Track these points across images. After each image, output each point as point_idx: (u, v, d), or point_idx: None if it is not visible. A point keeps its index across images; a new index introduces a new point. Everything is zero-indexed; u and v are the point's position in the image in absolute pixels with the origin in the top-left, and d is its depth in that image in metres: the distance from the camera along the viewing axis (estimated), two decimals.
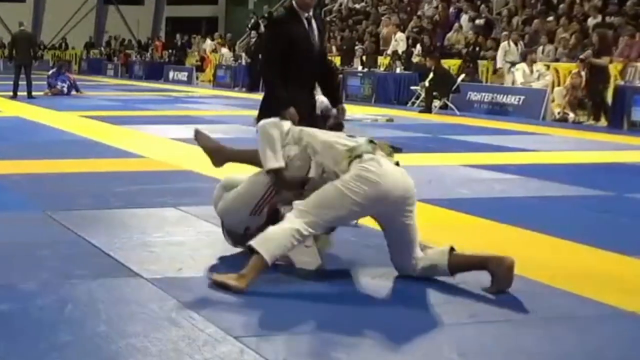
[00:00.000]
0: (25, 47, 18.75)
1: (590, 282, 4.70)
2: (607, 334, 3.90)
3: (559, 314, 4.16)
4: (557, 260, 5.21)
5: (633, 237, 5.83)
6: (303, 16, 5.78)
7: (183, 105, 18.62)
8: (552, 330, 3.91)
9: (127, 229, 5.72)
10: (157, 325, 3.74)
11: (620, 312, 4.17)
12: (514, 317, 4.09)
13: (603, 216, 5.74)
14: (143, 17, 41.93)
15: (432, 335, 3.77)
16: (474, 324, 3.94)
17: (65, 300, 4.05)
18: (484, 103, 17.52)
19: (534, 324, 3.99)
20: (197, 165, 8.75)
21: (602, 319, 4.10)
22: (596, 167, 9.22)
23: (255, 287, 4.37)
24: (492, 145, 11.10)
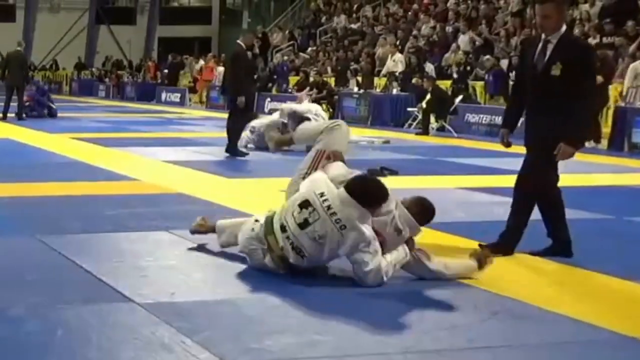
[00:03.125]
0: (17, 68, 18.56)
1: (590, 306, 4.72)
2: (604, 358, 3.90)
3: (558, 339, 4.18)
4: (556, 284, 5.23)
5: (633, 261, 5.85)
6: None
7: (175, 127, 18.65)
8: (551, 356, 3.92)
9: (118, 253, 5.72)
10: (150, 351, 3.75)
11: (620, 338, 4.18)
12: (512, 342, 4.11)
13: (603, 240, 5.76)
14: (135, 37, 42.04)
15: None
16: (471, 350, 3.95)
17: (55, 325, 4.05)
18: (482, 125, 17.54)
19: (532, 350, 4.00)
20: (189, 188, 8.79)
21: (601, 344, 4.11)
22: (596, 190, 9.25)
23: (249, 312, 4.39)
24: (490, 167, 11.15)
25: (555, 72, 5.55)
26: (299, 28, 30.97)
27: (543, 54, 5.64)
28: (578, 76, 5.56)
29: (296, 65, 26.32)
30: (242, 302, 4.60)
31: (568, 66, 5.53)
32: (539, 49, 5.68)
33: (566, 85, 5.52)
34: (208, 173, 10.25)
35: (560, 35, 5.62)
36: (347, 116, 20.61)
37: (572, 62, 5.54)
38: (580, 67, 5.59)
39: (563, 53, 5.57)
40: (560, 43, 5.60)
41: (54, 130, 15.99)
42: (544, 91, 5.62)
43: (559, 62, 5.55)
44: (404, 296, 4.84)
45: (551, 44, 5.62)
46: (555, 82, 5.55)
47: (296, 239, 4.92)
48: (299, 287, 4.91)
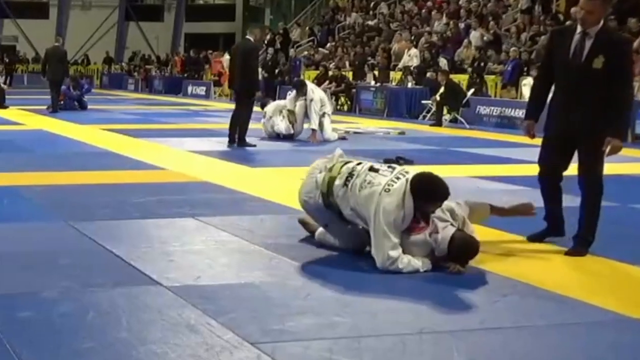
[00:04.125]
0: (57, 63, 18.36)
1: (597, 290, 4.69)
2: (612, 341, 3.88)
3: (566, 320, 4.16)
4: (565, 269, 5.20)
5: (635, 246, 5.81)
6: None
7: (201, 118, 18.67)
8: (558, 337, 3.90)
9: (146, 239, 5.73)
10: (176, 331, 3.75)
11: (625, 319, 4.16)
12: (522, 323, 4.09)
13: (609, 226, 5.71)
14: (162, 33, 42.10)
15: (441, 341, 3.75)
16: (482, 331, 3.94)
17: (86, 307, 4.07)
18: (493, 117, 17.50)
19: (541, 331, 3.98)
20: (213, 176, 8.80)
21: (608, 326, 4.08)
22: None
23: (272, 295, 4.38)
24: (500, 157, 11.09)
25: (597, 65, 5.40)
26: (319, 24, 30.89)
27: (582, 46, 5.48)
28: (619, 68, 5.44)
29: (316, 60, 26.27)
30: (265, 285, 4.59)
31: (609, 59, 5.39)
32: (576, 42, 5.50)
33: (608, 77, 5.40)
34: (232, 162, 10.26)
35: (599, 28, 5.47)
36: (364, 108, 20.62)
37: (614, 55, 5.40)
38: (621, 59, 5.47)
39: (604, 46, 5.42)
40: (600, 36, 5.45)
41: (86, 122, 16.06)
42: (585, 84, 5.45)
43: (601, 55, 5.40)
44: (420, 280, 4.83)
45: (590, 37, 5.45)
46: (597, 75, 5.41)
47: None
48: (320, 271, 4.91)
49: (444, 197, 5.05)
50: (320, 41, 28.47)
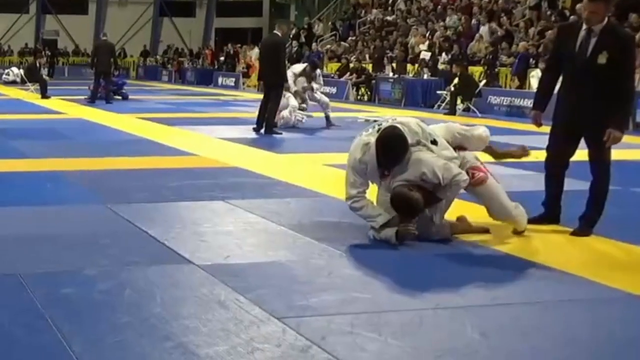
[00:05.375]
0: (106, 56, 18.32)
1: (601, 268, 4.66)
2: (616, 316, 3.85)
3: (573, 296, 4.13)
4: (571, 248, 5.16)
5: (636, 227, 5.76)
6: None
7: (231, 108, 18.65)
8: (566, 312, 3.88)
9: (180, 220, 5.73)
10: (207, 307, 3.75)
11: (629, 296, 4.13)
12: (531, 299, 4.06)
13: (613, 209, 5.66)
14: (194, 28, 42.13)
15: (455, 316, 3.73)
16: (494, 306, 3.91)
17: (124, 284, 4.08)
18: (503, 106, 17.40)
19: (550, 306, 3.96)
20: (243, 162, 8.80)
21: (612, 302, 4.05)
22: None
23: (296, 272, 4.37)
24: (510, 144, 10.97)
25: (602, 60, 5.34)
26: (341, 20, 30.77)
27: (587, 42, 5.43)
28: (621, 64, 5.38)
29: (338, 53, 26.20)
30: (290, 264, 4.59)
31: (613, 54, 5.34)
32: (581, 38, 5.45)
33: (612, 72, 5.34)
34: (259, 149, 10.24)
35: (603, 25, 5.41)
36: (383, 98, 20.53)
37: (617, 51, 5.35)
38: (624, 54, 5.41)
39: (608, 42, 5.37)
40: (605, 32, 5.39)
41: (123, 111, 16.10)
42: (590, 78, 5.40)
43: (605, 51, 5.35)
44: (436, 258, 4.81)
45: (594, 34, 5.40)
46: (601, 69, 5.35)
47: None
48: (341, 250, 4.88)
49: (386, 158, 5.05)
50: (342, 35, 28.37)
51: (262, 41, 13.83)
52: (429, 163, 5.02)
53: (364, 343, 3.34)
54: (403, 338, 3.41)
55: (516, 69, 18.51)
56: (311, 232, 5.32)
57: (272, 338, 3.37)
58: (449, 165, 5.05)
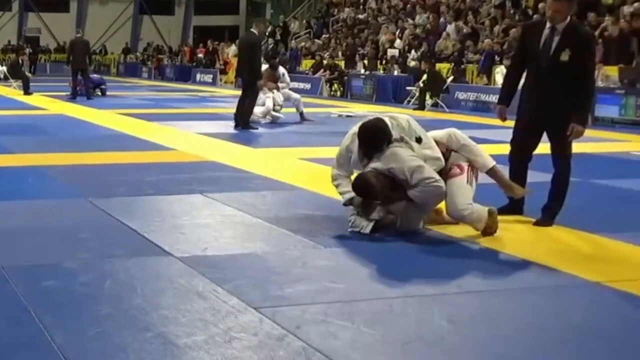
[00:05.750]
0: (81, 53, 18.17)
1: (563, 256, 4.69)
2: (575, 302, 3.89)
3: (536, 285, 4.15)
4: (534, 238, 5.19)
5: (595, 216, 5.83)
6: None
7: (209, 103, 18.56)
8: (530, 299, 3.90)
9: (159, 213, 5.69)
10: (186, 298, 3.73)
11: (589, 283, 4.17)
12: (497, 287, 4.09)
13: (573, 199, 5.70)
14: (173, 25, 41.88)
15: (424, 304, 3.73)
16: (461, 294, 3.93)
17: (104, 277, 4.04)
18: (470, 101, 17.49)
19: (514, 294, 3.98)
20: (221, 156, 8.76)
21: (573, 289, 4.08)
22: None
23: (272, 264, 4.36)
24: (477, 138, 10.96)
25: (564, 58, 5.37)
26: (315, 18, 30.73)
27: (550, 40, 5.45)
28: (583, 60, 5.41)
29: (312, 50, 26.15)
30: (266, 255, 4.57)
31: (575, 52, 5.36)
32: (545, 36, 5.46)
33: (573, 69, 5.37)
34: (236, 144, 10.20)
35: (566, 24, 5.44)
36: (355, 94, 20.55)
37: (578, 49, 5.38)
38: (585, 52, 5.44)
39: (571, 40, 5.39)
40: (567, 31, 5.41)
41: (103, 107, 15.94)
42: (553, 74, 5.42)
43: (568, 48, 5.37)
44: (406, 249, 4.82)
45: (557, 32, 5.42)
46: (564, 67, 5.38)
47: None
48: (315, 242, 4.87)
49: (363, 145, 5.08)
50: (316, 33, 28.34)
51: (239, 39, 13.74)
52: (401, 159, 5.00)
53: (337, 331, 3.33)
54: (374, 326, 3.41)
55: (482, 65, 18.60)
56: (286, 224, 5.31)
57: (249, 327, 3.35)
58: (422, 168, 4.97)
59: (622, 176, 8.00)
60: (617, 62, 15.35)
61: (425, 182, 4.94)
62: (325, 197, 6.37)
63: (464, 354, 3.13)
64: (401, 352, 3.15)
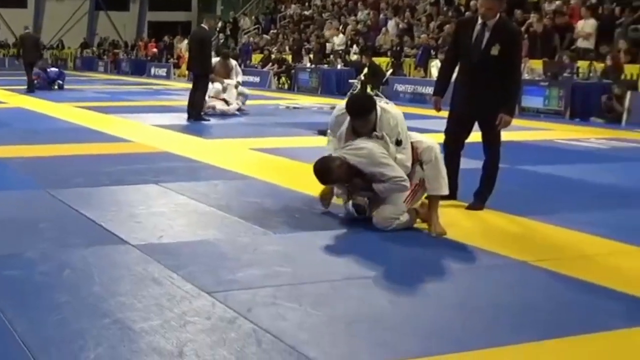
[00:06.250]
0: (31, 48, 17.79)
1: (494, 238, 4.75)
2: (507, 281, 3.94)
3: (470, 265, 4.22)
4: (466, 221, 5.24)
5: (523, 200, 5.90)
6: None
7: (163, 96, 18.29)
8: (464, 279, 3.95)
9: (115, 203, 5.60)
10: (142, 284, 3.68)
11: (518, 262, 4.23)
12: (432, 269, 4.13)
13: (501, 185, 5.78)
14: (128, 21, 41.08)
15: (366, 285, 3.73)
16: (400, 276, 3.94)
17: (63, 266, 3.95)
18: (407, 93, 17.57)
19: (449, 275, 4.03)
20: (174, 147, 8.64)
21: (504, 268, 4.14)
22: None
23: (224, 250, 4.33)
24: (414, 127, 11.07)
25: (495, 52, 5.42)
26: (263, 14, 30.50)
27: (482, 35, 5.49)
28: (511, 55, 5.47)
29: (260, 45, 25.97)
30: (219, 242, 4.53)
31: (504, 47, 5.42)
32: (477, 31, 5.50)
33: (502, 63, 5.42)
34: (189, 135, 10.09)
35: (496, 20, 5.48)
36: (302, 87, 20.49)
37: (507, 44, 5.43)
38: (513, 47, 5.50)
39: (500, 36, 5.44)
40: (497, 27, 5.46)
41: (61, 100, 15.56)
42: (484, 68, 5.46)
43: (497, 43, 5.42)
44: (351, 236, 4.83)
45: (488, 28, 5.46)
46: (494, 60, 5.43)
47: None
48: (265, 228, 4.85)
49: (351, 112, 4.99)
50: (264, 29, 28.14)
51: (190, 34, 13.55)
52: (372, 155, 4.86)
53: (286, 313, 3.33)
54: (320, 307, 3.42)
55: (419, 59, 18.71)
56: (238, 212, 5.27)
57: (202, 311, 3.32)
58: (393, 167, 4.84)
59: (547, 162, 8.15)
60: (542, 56, 15.61)
61: (394, 180, 4.83)
62: (274, 186, 6.35)
63: (402, 332, 3.16)
64: (345, 332, 3.16)
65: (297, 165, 7.40)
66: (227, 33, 28.62)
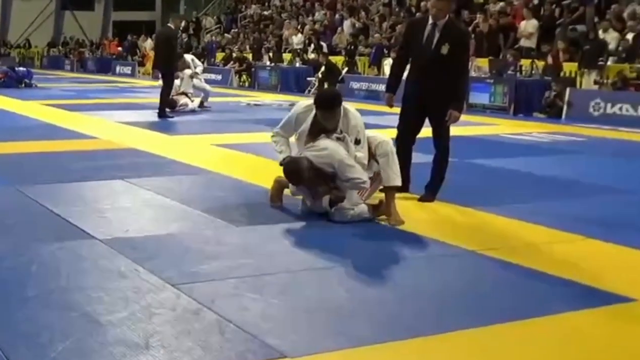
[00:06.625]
0: None
1: (444, 228, 4.79)
2: (454, 268, 3.97)
3: (421, 255, 4.24)
4: (419, 212, 5.26)
5: (472, 192, 5.95)
6: None
7: (128, 94, 18.00)
8: (417, 267, 3.97)
9: (82, 199, 5.50)
10: (109, 278, 3.62)
11: (467, 251, 4.26)
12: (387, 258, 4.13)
13: (451, 177, 5.83)
14: (94, 21, 40.34)
15: (324, 275, 3.73)
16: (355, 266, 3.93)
17: (31, 260, 3.87)
18: (362, 90, 17.57)
19: (403, 264, 4.05)
20: (138, 143, 8.52)
21: (453, 257, 4.17)
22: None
23: (188, 243, 4.28)
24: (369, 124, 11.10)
25: (444, 51, 5.44)
26: (224, 14, 30.24)
27: (432, 35, 5.51)
28: (459, 55, 5.50)
29: (222, 44, 25.75)
30: (183, 235, 4.48)
31: (453, 46, 5.44)
32: (428, 31, 5.52)
33: (451, 61, 5.45)
34: (154, 131, 9.95)
35: (445, 21, 5.51)
36: (262, 84, 20.37)
37: (456, 44, 5.46)
38: (461, 47, 5.53)
39: (450, 35, 5.46)
40: (447, 27, 5.49)
41: (28, 98, 15.20)
42: (434, 66, 5.48)
43: (447, 43, 5.44)
44: (310, 228, 4.81)
45: (438, 28, 5.48)
46: (444, 59, 5.45)
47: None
48: (228, 222, 4.81)
49: (322, 105, 4.92)
50: (226, 28, 27.91)
51: (156, 33, 13.38)
52: (333, 155, 4.83)
53: (248, 303, 3.31)
54: (281, 297, 3.41)
55: (373, 58, 18.75)
56: (201, 206, 5.22)
57: (167, 303, 3.28)
58: (354, 168, 4.83)
59: (493, 156, 8.25)
60: (487, 55, 15.79)
61: (354, 181, 4.82)
62: (236, 180, 6.31)
63: (359, 318, 3.17)
64: (305, 320, 3.15)
65: (258, 161, 7.36)
66: (190, 32, 28.30)
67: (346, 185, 4.87)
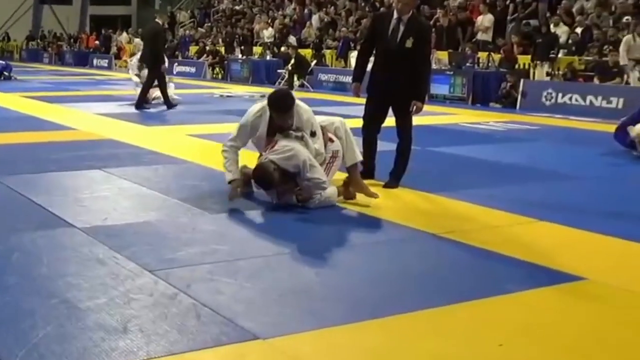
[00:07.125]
0: None
1: (408, 213, 4.81)
2: (415, 251, 3.99)
3: (385, 238, 4.25)
4: (382, 198, 5.25)
5: (433, 179, 5.99)
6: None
7: (105, 86, 17.73)
8: (380, 251, 3.98)
9: (61, 188, 5.41)
10: (88, 265, 3.57)
11: (424, 234, 4.29)
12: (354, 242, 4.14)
13: (413, 165, 5.85)
14: (72, 14, 39.54)
15: (295, 259, 3.73)
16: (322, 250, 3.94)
17: (12, 249, 3.80)
18: (330, 82, 17.54)
19: (368, 247, 4.05)
20: (116, 134, 8.40)
21: (416, 240, 4.19)
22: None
23: (165, 230, 4.24)
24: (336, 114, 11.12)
25: (408, 45, 5.44)
26: (198, 9, 29.88)
27: (397, 29, 5.49)
28: (422, 48, 5.50)
29: (195, 37, 25.46)
30: (160, 223, 4.43)
31: (416, 40, 5.44)
32: (393, 25, 5.50)
33: (415, 54, 5.44)
34: (131, 122, 9.82)
35: (409, 16, 5.50)
36: (234, 77, 20.20)
37: (419, 38, 5.46)
38: (424, 40, 5.53)
39: (413, 29, 5.46)
40: (411, 22, 5.49)
41: (7, 90, 14.88)
42: (399, 59, 5.46)
43: (411, 36, 5.44)
44: (281, 216, 4.80)
45: (403, 22, 5.47)
46: (408, 52, 5.44)
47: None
48: (203, 209, 4.78)
49: (276, 108, 4.86)
50: (199, 22, 27.59)
51: (144, 28, 13.22)
52: (297, 157, 4.77)
53: (222, 287, 3.29)
54: (254, 281, 3.40)
55: (340, 51, 18.71)
56: (177, 194, 5.17)
57: (145, 289, 3.25)
58: (316, 169, 4.80)
59: (453, 144, 8.30)
60: (447, 48, 15.86)
61: (316, 181, 4.78)
62: (210, 169, 6.26)
63: (328, 301, 3.17)
64: (277, 302, 3.15)
65: None
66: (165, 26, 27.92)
67: (308, 184, 4.81)
